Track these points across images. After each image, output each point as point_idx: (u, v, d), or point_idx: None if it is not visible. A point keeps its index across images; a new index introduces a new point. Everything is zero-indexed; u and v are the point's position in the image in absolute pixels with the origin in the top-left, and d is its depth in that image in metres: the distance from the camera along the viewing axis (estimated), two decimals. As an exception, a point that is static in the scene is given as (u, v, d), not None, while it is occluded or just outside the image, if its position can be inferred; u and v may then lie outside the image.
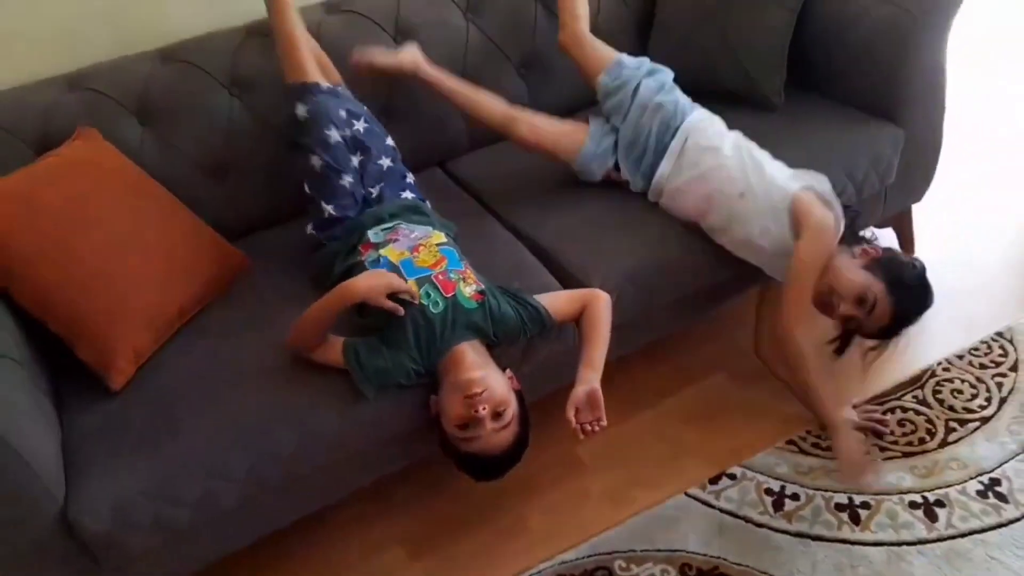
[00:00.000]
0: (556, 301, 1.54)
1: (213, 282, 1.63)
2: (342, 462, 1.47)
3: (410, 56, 1.83)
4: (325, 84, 1.67)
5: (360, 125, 1.70)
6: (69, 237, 1.43)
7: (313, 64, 1.68)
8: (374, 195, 1.69)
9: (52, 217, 1.43)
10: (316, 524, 1.65)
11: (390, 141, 1.78)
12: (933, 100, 1.95)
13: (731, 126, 1.79)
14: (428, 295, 1.46)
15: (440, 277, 1.49)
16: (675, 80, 1.85)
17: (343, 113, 1.66)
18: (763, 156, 1.71)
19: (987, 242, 2.23)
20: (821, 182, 1.67)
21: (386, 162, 1.72)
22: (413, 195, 1.73)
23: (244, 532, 1.47)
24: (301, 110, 1.63)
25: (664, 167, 1.72)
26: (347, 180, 1.63)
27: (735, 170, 1.66)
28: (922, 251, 2.21)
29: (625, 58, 1.84)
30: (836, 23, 1.93)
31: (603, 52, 1.86)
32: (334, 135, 1.62)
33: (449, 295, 1.47)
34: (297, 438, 1.38)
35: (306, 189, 1.66)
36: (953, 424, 1.73)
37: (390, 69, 1.82)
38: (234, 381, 1.43)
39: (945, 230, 2.27)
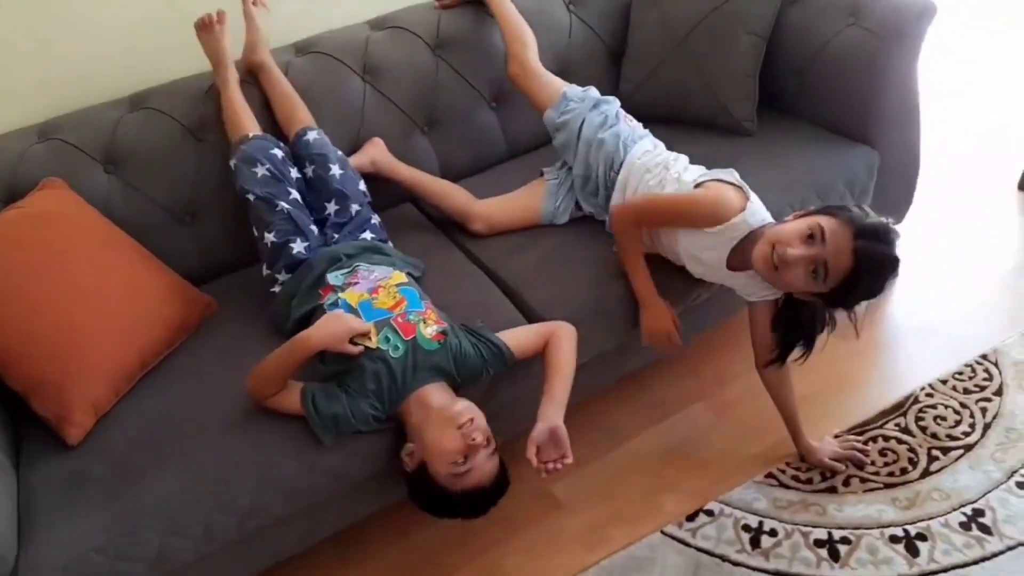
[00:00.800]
0: (518, 336, 1.52)
1: (178, 327, 1.62)
2: (304, 512, 1.45)
3: (366, 158, 1.87)
4: (254, 133, 1.73)
5: (335, 170, 1.73)
6: (25, 291, 1.43)
7: (248, 120, 1.75)
8: (336, 238, 1.68)
9: (8, 271, 1.43)
10: (289, 568, 1.62)
11: (362, 185, 1.79)
12: (907, 121, 1.92)
13: (705, 152, 1.77)
14: (387, 339, 1.45)
15: (399, 320, 1.47)
16: (639, 108, 1.85)
17: (277, 152, 1.70)
18: (681, 167, 1.66)
19: (972, 262, 2.19)
20: (728, 173, 1.59)
21: (355, 207, 1.73)
22: (373, 236, 1.72)
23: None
24: (232, 161, 1.70)
25: (615, 199, 1.71)
26: (283, 206, 1.64)
27: (664, 189, 1.63)
28: (906, 272, 2.16)
29: (570, 91, 1.82)
30: (806, 47, 1.92)
31: (551, 85, 1.85)
32: (260, 170, 1.66)
33: (409, 338, 1.45)
34: (254, 489, 1.36)
35: (254, 232, 1.67)
36: (936, 452, 1.69)
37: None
38: (193, 432, 1.42)
39: (929, 250, 2.24)
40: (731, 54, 1.94)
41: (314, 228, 1.68)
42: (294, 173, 1.72)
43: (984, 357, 1.88)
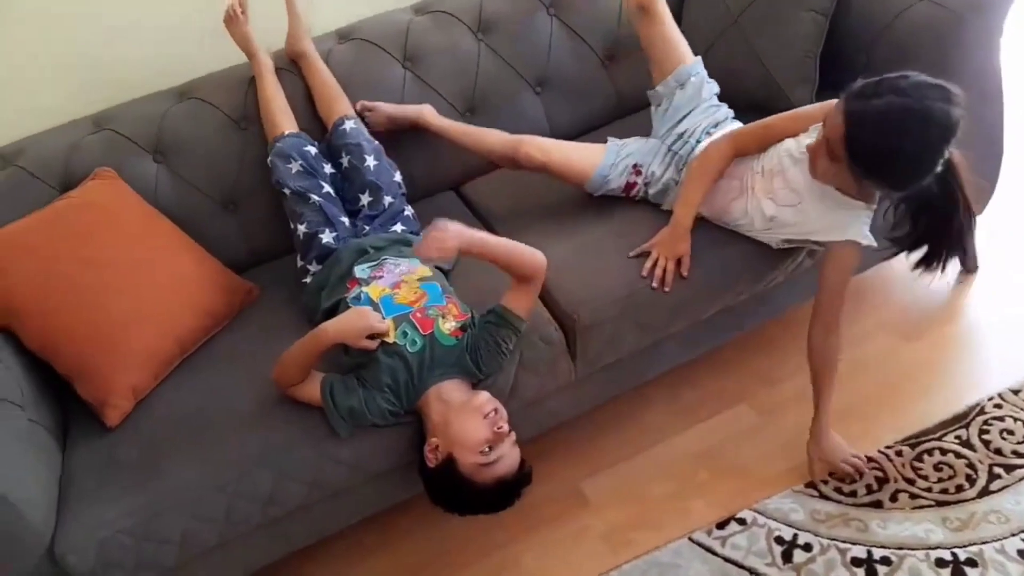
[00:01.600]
0: (509, 296, 1.48)
1: (219, 314, 1.68)
2: (324, 501, 1.48)
3: (415, 111, 1.86)
4: (289, 131, 1.75)
5: (370, 161, 1.74)
6: (72, 280, 1.51)
7: (283, 116, 1.77)
8: (367, 230, 1.69)
9: (57, 260, 1.51)
10: (312, 553, 1.66)
11: (398, 177, 1.78)
12: (987, 108, 1.74)
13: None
14: (405, 334, 1.44)
15: (418, 315, 1.47)
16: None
17: (311, 149, 1.72)
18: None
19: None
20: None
21: (388, 199, 1.73)
22: (404, 228, 1.71)
23: (231, 568, 1.50)
24: (268, 158, 1.75)
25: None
26: (315, 199, 1.67)
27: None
28: (983, 272, 1.99)
29: (695, 75, 1.74)
30: (871, 24, 1.76)
31: (679, 47, 1.76)
32: (294, 166, 1.70)
33: (427, 333, 1.45)
34: (274, 479, 1.40)
35: (290, 224, 1.70)
36: (998, 470, 1.56)
37: (399, 117, 1.86)
38: (220, 419, 1.47)
39: (1009, 249, 2.04)
40: (789, 33, 1.81)
41: (344, 219, 1.70)
42: (328, 168, 1.75)
43: (1063, 367, 1.70)
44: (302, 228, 1.67)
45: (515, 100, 2.00)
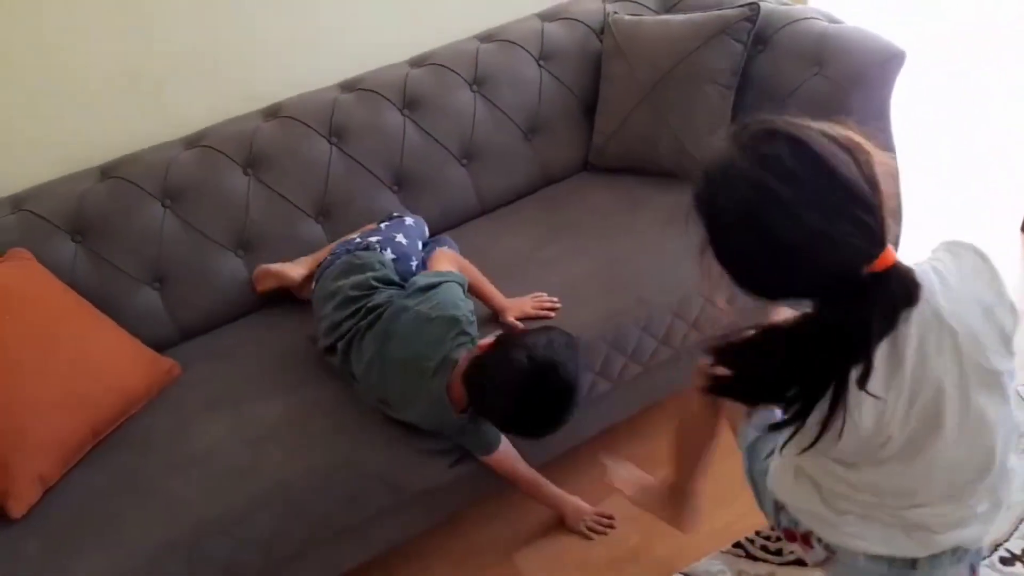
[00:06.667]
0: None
1: (137, 394, 1.64)
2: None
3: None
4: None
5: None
6: (-25, 366, 1.46)
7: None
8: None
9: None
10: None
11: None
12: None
13: (673, 203, 1.72)
14: None
15: None
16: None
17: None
18: None
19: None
20: None
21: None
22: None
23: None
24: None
25: None
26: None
27: None
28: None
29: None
30: (773, 97, 1.87)
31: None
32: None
33: None
34: (185, 571, 1.35)
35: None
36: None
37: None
38: (133, 508, 1.42)
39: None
40: (698, 105, 1.91)
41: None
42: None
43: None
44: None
45: (442, 173, 2.05)
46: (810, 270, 0.83)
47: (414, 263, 1.73)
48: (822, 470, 0.99)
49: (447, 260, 1.68)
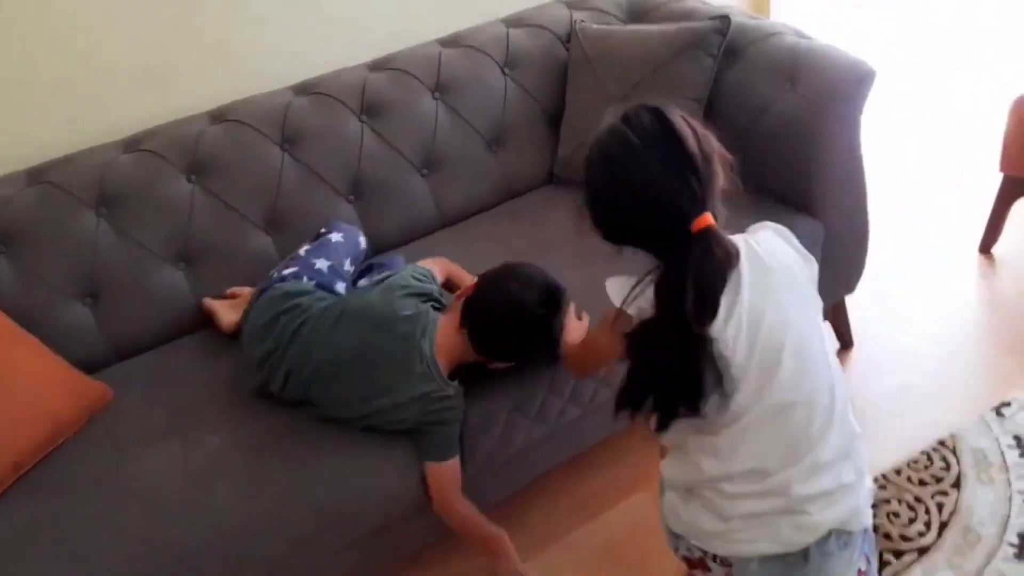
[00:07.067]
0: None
1: (65, 421, 1.50)
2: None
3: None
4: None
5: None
6: None
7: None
8: None
9: None
10: None
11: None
12: (852, 190, 1.83)
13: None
14: None
15: None
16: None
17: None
18: None
19: (932, 334, 2.08)
20: None
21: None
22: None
23: None
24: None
25: None
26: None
27: None
28: (861, 346, 2.06)
29: None
30: (744, 113, 1.82)
31: None
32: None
33: None
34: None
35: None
36: (888, 557, 1.55)
37: None
38: (60, 555, 1.28)
39: (882, 322, 2.12)
40: (669, 120, 1.85)
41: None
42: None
43: (942, 443, 1.75)
44: None
45: (401, 183, 1.94)
46: (646, 214, 1.00)
47: (340, 286, 1.61)
48: (697, 470, 1.06)
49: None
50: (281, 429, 1.47)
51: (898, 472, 1.70)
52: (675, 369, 0.98)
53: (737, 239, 1.04)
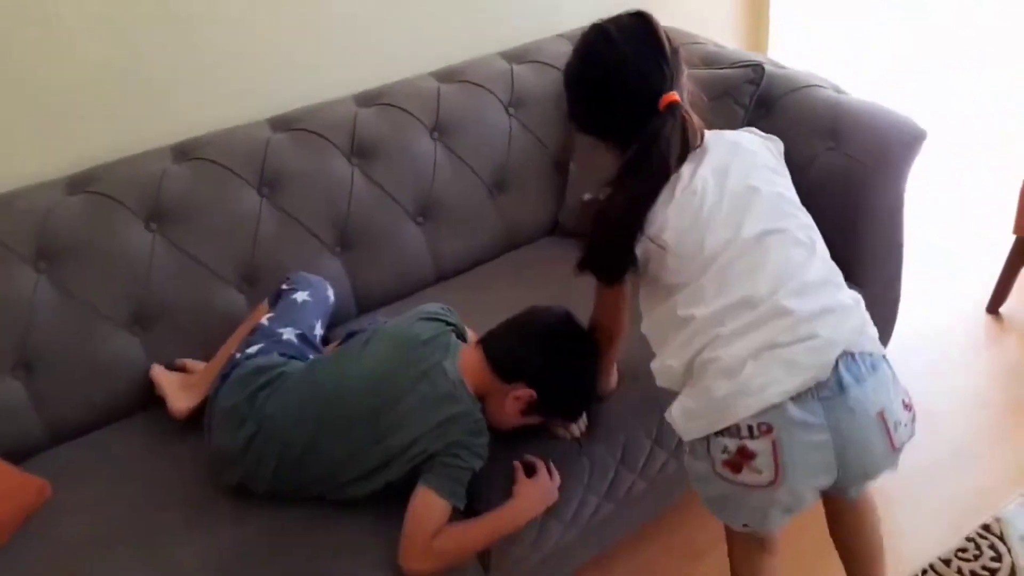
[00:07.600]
0: None
1: (-6, 529, 1.20)
2: None
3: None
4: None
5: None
6: None
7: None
8: None
9: None
10: None
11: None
12: (893, 254, 1.71)
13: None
14: None
15: None
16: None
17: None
18: None
19: (943, 401, 1.97)
20: None
21: None
22: None
23: None
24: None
25: None
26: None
27: None
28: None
29: None
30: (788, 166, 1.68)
31: None
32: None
33: None
34: None
35: None
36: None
37: None
38: None
39: (912, 386, 2.00)
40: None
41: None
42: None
43: (987, 528, 1.62)
44: None
45: (393, 232, 1.72)
46: (619, 92, 1.11)
47: (311, 356, 1.39)
48: (689, 328, 1.08)
49: None
50: (271, 534, 1.22)
51: (947, 563, 1.57)
52: (616, 235, 1.13)
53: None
